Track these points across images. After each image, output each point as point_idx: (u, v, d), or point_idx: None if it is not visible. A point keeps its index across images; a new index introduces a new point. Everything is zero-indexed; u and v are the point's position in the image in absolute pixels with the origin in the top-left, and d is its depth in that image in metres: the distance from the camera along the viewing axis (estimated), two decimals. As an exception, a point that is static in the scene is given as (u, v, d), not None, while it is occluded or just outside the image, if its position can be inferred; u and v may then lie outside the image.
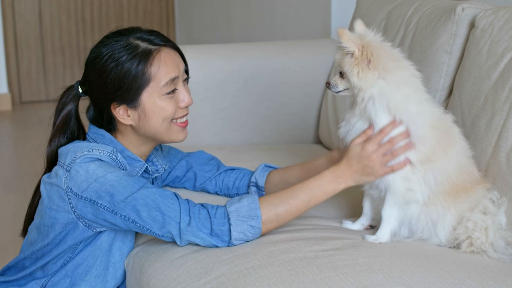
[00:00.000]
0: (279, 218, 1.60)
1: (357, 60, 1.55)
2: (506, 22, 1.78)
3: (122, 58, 1.62)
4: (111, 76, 1.62)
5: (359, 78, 1.55)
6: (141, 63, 1.62)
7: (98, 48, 1.66)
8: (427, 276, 1.41)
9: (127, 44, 1.64)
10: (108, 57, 1.63)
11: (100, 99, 1.68)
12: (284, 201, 1.61)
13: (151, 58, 1.63)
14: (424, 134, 1.57)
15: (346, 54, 1.57)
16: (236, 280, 1.43)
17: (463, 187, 1.62)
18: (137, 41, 1.65)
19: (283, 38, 3.71)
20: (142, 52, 1.63)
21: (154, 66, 1.63)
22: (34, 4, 5.54)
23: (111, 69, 1.62)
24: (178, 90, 1.68)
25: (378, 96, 1.55)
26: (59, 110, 1.74)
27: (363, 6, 2.52)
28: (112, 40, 1.65)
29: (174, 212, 1.56)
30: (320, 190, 1.62)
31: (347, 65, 1.56)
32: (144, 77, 1.62)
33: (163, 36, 1.69)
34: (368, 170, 1.59)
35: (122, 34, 1.67)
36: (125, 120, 1.67)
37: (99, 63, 1.64)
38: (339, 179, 1.61)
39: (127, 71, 1.62)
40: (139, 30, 1.68)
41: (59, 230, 1.63)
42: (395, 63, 1.58)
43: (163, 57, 1.64)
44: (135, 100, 1.64)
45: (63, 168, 1.61)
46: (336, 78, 1.62)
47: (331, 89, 1.63)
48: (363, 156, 1.58)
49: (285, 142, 2.68)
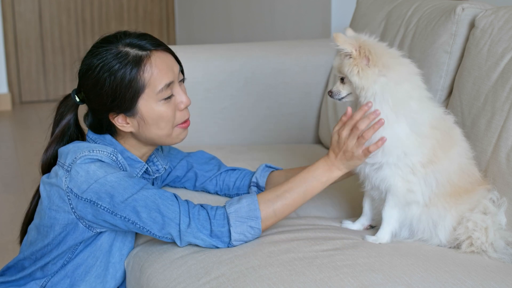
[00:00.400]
0: (277, 213, 1.61)
1: (355, 60, 1.55)
2: (506, 22, 1.78)
3: (114, 68, 1.60)
4: (105, 87, 1.61)
5: (360, 77, 1.55)
6: (133, 71, 1.60)
7: (89, 59, 1.63)
8: (427, 276, 1.41)
9: (117, 52, 1.61)
10: (100, 68, 1.61)
11: (98, 110, 1.66)
12: (280, 196, 1.61)
13: (143, 64, 1.60)
14: (424, 133, 1.57)
15: (345, 56, 1.57)
16: (236, 280, 1.43)
17: (464, 188, 1.61)
18: (126, 48, 1.62)
19: (283, 38, 3.71)
20: (133, 59, 1.60)
21: (146, 72, 1.61)
22: (34, 4, 5.53)
23: (104, 79, 1.60)
24: (174, 93, 1.66)
25: (380, 92, 1.55)
26: (57, 121, 1.72)
27: (363, 6, 2.52)
28: (102, 49, 1.62)
29: (173, 213, 1.56)
30: (315, 181, 1.63)
31: (346, 67, 1.56)
32: (138, 85, 1.60)
33: (154, 39, 1.66)
34: (348, 154, 1.61)
35: (111, 42, 1.63)
36: (125, 127, 1.66)
37: (92, 75, 1.62)
38: (331, 168, 1.64)
39: (120, 80, 1.60)
40: (128, 35, 1.65)
41: (59, 231, 1.63)
42: (394, 59, 1.59)
43: (155, 62, 1.62)
44: (132, 108, 1.63)
45: (63, 168, 1.61)
46: (338, 85, 1.62)
47: (334, 97, 1.63)
48: (340, 143, 1.61)
49: (285, 142, 2.68)
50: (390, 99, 1.55)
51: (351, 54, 1.55)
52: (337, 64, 1.60)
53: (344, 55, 1.57)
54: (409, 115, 1.56)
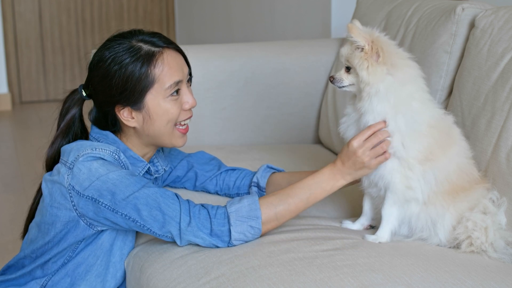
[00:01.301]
0: (279, 217, 1.61)
1: (367, 54, 1.56)
2: (506, 22, 1.78)
3: (125, 61, 1.63)
4: (115, 79, 1.63)
5: (369, 72, 1.55)
6: (145, 65, 1.63)
7: (101, 51, 1.67)
8: (427, 276, 1.41)
9: (130, 46, 1.64)
10: (111, 60, 1.63)
11: (105, 102, 1.68)
12: (283, 200, 1.61)
13: (154, 60, 1.64)
14: (421, 131, 1.58)
15: (356, 48, 1.57)
16: (236, 280, 1.43)
17: (462, 186, 1.62)
18: (139, 43, 1.65)
19: (283, 38, 3.71)
20: (145, 54, 1.64)
21: (157, 67, 1.63)
22: (34, 4, 5.54)
23: (115, 72, 1.63)
24: (182, 92, 1.68)
25: (384, 91, 1.56)
26: (63, 115, 1.74)
27: (363, 6, 2.52)
28: (114, 43, 1.66)
29: (174, 212, 1.56)
30: (318, 188, 1.63)
31: (356, 59, 1.57)
32: (147, 79, 1.63)
33: (166, 38, 1.70)
34: (359, 164, 1.61)
35: (124, 37, 1.67)
36: (130, 122, 1.68)
37: (102, 67, 1.65)
38: (336, 176, 1.64)
39: (130, 73, 1.62)
40: (141, 32, 1.69)
41: (60, 228, 1.64)
42: (403, 61, 1.60)
43: (166, 59, 1.65)
44: (139, 102, 1.65)
45: (66, 166, 1.62)
46: (342, 73, 1.62)
47: (335, 84, 1.63)
48: (350, 152, 1.61)
49: (285, 142, 2.68)
50: (392, 98, 1.56)
51: (363, 48, 1.56)
52: (346, 53, 1.60)
53: (355, 47, 1.57)
54: (409, 114, 1.57)
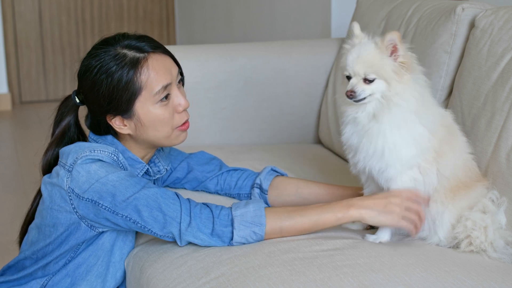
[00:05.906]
0: (283, 231, 1.59)
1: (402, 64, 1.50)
2: (506, 22, 1.78)
3: (111, 69, 1.60)
4: (102, 88, 1.61)
5: (399, 82, 1.51)
6: (130, 72, 1.60)
7: (87, 60, 1.64)
8: (427, 276, 1.41)
9: (115, 54, 1.61)
10: (97, 69, 1.61)
11: (96, 111, 1.67)
12: (291, 217, 1.59)
13: (139, 66, 1.61)
14: (436, 132, 1.58)
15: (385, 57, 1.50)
16: (236, 280, 1.43)
17: (464, 182, 1.62)
18: (124, 50, 1.62)
19: (283, 38, 3.71)
20: (130, 61, 1.61)
21: (143, 74, 1.61)
22: (34, 4, 5.54)
23: (102, 81, 1.61)
24: (172, 95, 1.66)
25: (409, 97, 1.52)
26: (57, 121, 1.73)
27: (363, 6, 2.52)
28: (100, 51, 1.63)
29: (175, 212, 1.56)
30: (330, 212, 1.58)
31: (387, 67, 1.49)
32: (134, 87, 1.61)
33: (153, 41, 1.67)
34: (389, 208, 1.56)
35: (110, 43, 1.64)
36: (122, 130, 1.67)
37: (89, 76, 1.63)
38: (351, 207, 1.58)
39: (117, 82, 1.60)
40: (126, 37, 1.65)
41: (61, 230, 1.63)
42: (418, 65, 1.58)
43: (152, 64, 1.62)
44: (128, 111, 1.63)
45: (65, 168, 1.61)
46: (360, 84, 1.52)
47: (356, 98, 1.52)
48: (391, 194, 1.58)
49: (285, 142, 2.68)
50: (415, 103, 1.53)
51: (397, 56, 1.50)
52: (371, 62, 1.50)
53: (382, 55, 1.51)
54: (426, 117, 1.56)
